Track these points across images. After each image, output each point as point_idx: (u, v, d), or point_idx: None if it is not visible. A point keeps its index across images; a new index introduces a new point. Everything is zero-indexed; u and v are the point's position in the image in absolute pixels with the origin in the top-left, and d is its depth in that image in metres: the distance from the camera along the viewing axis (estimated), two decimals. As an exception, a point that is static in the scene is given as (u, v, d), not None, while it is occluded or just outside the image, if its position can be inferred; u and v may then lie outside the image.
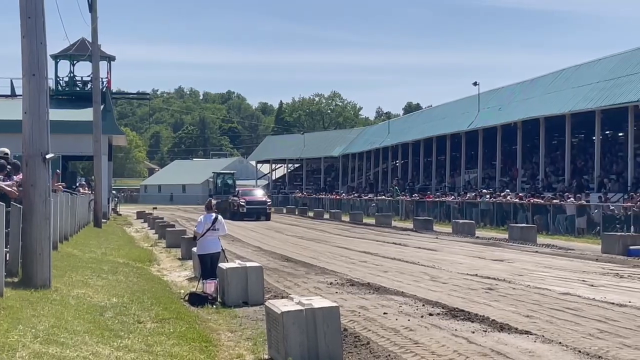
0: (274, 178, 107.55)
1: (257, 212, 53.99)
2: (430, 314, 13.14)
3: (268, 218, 53.66)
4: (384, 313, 13.35)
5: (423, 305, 14.24)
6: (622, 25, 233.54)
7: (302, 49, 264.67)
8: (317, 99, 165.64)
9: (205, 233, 16.42)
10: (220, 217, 16.76)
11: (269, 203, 56.00)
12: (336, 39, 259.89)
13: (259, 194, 58.47)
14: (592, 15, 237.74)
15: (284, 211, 70.54)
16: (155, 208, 69.03)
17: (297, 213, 66.79)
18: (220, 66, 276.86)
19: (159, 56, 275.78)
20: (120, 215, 61.99)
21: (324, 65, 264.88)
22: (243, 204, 53.82)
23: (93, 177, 44.15)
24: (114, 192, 73.83)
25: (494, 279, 18.49)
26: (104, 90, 53.44)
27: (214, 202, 17.52)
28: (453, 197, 51.00)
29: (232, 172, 70.64)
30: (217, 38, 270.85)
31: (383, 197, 63.65)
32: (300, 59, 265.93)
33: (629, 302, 14.25)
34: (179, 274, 21.04)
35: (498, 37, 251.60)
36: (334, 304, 9.89)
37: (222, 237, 17.20)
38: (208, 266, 16.38)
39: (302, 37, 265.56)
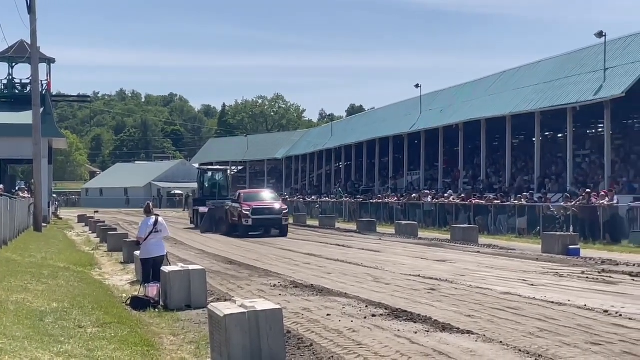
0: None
1: (269, 224, 38.94)
2: (374, 315, 13.18)
3: (284, 232, 38.56)
4: (328, 314, 13.37)
5: (366, 306, 14.28)
6: (561, 28, 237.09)
7: (245, 52, 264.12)
8: (260, 101, 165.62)
9: (148, 236, 16.27)
10: (160, 218, 16.59)
11: (285, 211, 39.70)
12: (279, 41, 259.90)
13: (269, 197, 41.51)
14: (533, 19, 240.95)
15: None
16: (97, 212, 68.33)
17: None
18: (163, 69, 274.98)
19: (100, 59, 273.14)
20: (61, 219, 61.23)
21: (267, 68, 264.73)
22: (247, 212, 38.28)
23: (33, 181, 43.52)
24: (54, 195, 72.90)
25: (437, 279, 18.62)
26: (43, 92, 52.63)
27: (152, 205, 17.33)
28: (396, 198, 51.27)
29: (223, 167, 57.13)
30: (159, 40, 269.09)
31: (327, 199, 63.75)
32: (243, 61, 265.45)
33: (568, 300, 14.45)
34: (121, 278, 20.83)
35: (440, 40, 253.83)
36: (277, 306, 9.87)
37: (165, 240, 17.07)
38: (150, 270, 16.24)
39: (244, 40, 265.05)
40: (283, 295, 16.21)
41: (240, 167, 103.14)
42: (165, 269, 15.62)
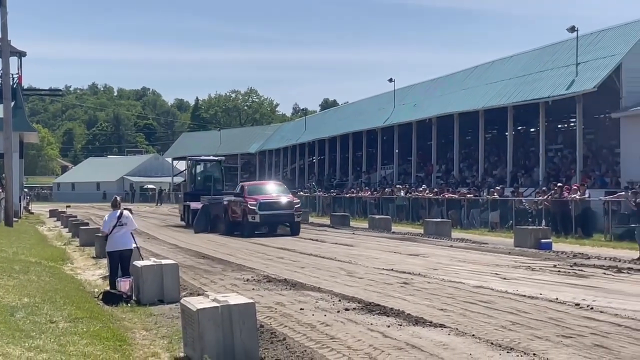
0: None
1: (279, 221, 34.80)
2: (347, 309, 13.19)
3: (296, 230, 34.27)
4: (301, 309, 13.37)
5: (339, 300, 14.29)
6: (535, 23, 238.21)
7: (218, 45, 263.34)
8: (233, 95, 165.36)
9: (113, 230, 16.17)
10: (126, 212, 16.45)
11: (297, 205, 35.25)
12: (253, 35, 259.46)
13: (278, 190, 36.62)
14: (507, 14, 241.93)
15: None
16: (69, 206, 67.89)
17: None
18: (135, 62, 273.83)
19: (72, 52, 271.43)
20: (33, 213, 60.77)
21: (240, 62, 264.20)
22: (254, 207, 33.61)
23: (4, 175, 43.17)
24: (25, 190, 72.33)
25: (410, 273, 18.66)
26: (14, 86, 52.05)
27: (119, 199, 17.19)
28: (369, 192, 51.34)
29: (218, 158, 49.93)
30: (132, 34, 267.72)
31: (300, 193, 63.74)
32: (216, 55, 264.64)
33: (540, 294, 14.53)
34: (93, 273, 20.70)
35: (413, 35, 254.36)
36: (250, 301, 9.85)
37: (135, 234, 16.98)
38: (117, 263, 16.16)
39: (217, 34, 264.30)
40: (256, 289, 16.19)
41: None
42: (138, 263, 15.54)
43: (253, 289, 16.28)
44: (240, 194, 35.62)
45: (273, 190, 36.38)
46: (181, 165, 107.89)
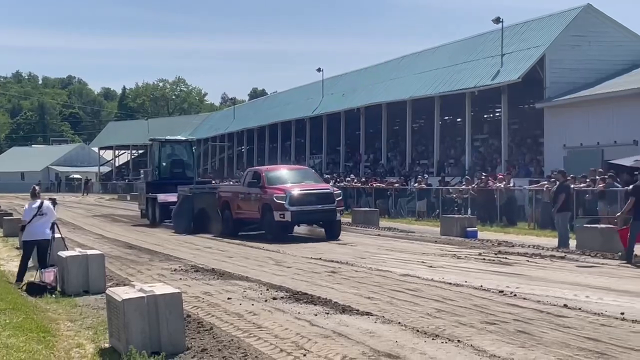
0: (117, 164, 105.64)
1: (315, 219, 26.68)
2: (274, 298, 13.20)
3: (336, 232, 26.29)
4: (228, 298, 13.34)
5: (267, 289, 14.30)
6: (462, 14, 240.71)
7: (145, 34, 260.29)
8: (161, 84, 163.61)
9: (32, 220, 15.94)
10: (47, 202, 16.21)
11: (339, 198, 26.88)
12: (180, 23, 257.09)
13: (309, 177, 28.41)
14: (434, 4, 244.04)
15: (128, 198, 69.28)
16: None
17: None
18: (60, 50, 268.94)
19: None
20: (-46, 204, 59.44)
21: (167, 50, 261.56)
22: (282, 201, 25.20)
23: None
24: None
25: (337, 262, 18.75)
26: None
27: (37, 188, 16.93)
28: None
29: (189, 138, 44.10)
30: (56, 21, 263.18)
31: (229, 183, 63.44)
32: (143, 43, 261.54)
33: (465, 282, 14.73)
34: (16, 264, 20.23)
35: (343, 24, 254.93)
36: (177, 290, 9.80)
37: (60, 224, 16.76)
38: (30, 254, 15.95)
39: (144, 21, 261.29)
40: (184, 279, 16.11)
41: (141, 151, 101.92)
42: (63, 253, 15.32)
43: (180, 279, 16.20)
44: (256, 182, 27.00)
45: (302, 177, 28.11)
46: (108, 155, 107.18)
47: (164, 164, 37.60)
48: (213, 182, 40.89)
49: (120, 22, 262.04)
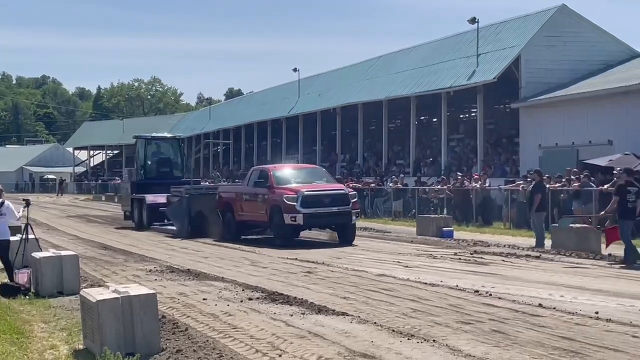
0: (92, 165, 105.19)
1: (329, 222, 24.83)
2: (250, 299, 13.17)
3: (350, 236, 24.34)
4: (204, 299, 13.29)
5: (243, 290, 14.26)
6: (438, 14, 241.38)
7: (121, 33, 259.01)
8: (136, 84, 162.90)
9: None
10: (7, 202, 16.01)
11: (354, 200, 24.52)
12: (156, 23, 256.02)
13: (320, 177, 26.25)
14: (411, 4, 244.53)
15: (103, 198, 69.01)
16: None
17: (116, 200, 65.22)
18: (35, 49, 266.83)
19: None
20: None
21: (143, 50, 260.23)
22: (293, 202, 23.24)
23: None
24: None
25: (313, 262, 18.74)
26: None
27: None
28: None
29: (177, 135, 41.87)
30: (31, 20, 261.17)
31: (205, 183, 63.28)
32: (118, 43, 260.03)
33: (441, 281, 14.75)
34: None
35: (319, 24, 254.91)
36: (152, 291, 9.76)
37: (34, 225, 16.61)
38: None
39: (120, 21, 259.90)
40: (159, 280, 16.04)
41: (116, 152, 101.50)
42: (36, 254, 15.19)
43: (156, 279, 16.12)
44: (262, 182, 24.99)
45: (313, 176, 26.16)
46: (83, 155, 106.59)
47: (149, 162, 35.41)
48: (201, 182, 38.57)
49: (95, 21, 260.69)
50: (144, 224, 32.28)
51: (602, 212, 20.15)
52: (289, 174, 25.84)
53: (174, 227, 29.40)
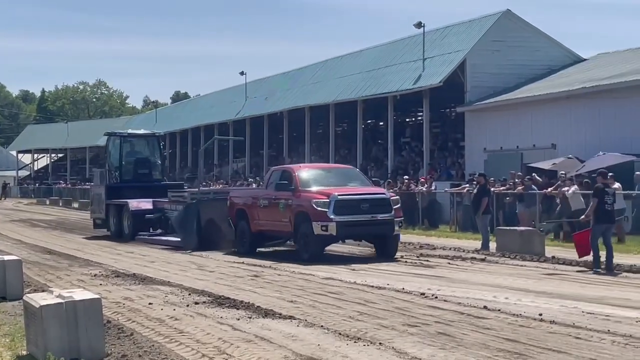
0: (36, 168, 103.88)
1: (367, 233, 20.76)
2: (196, 303, 13.11)
3: (392, 249, 20.60)
4: (150, 303, 13.19)
5: (189, 294, 14.19)
6: (385, 18, 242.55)
7: (65, 35, 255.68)
8: (81, 87, 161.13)
9: None
10: None
11: (397, 206, 20.56)
12: (101, 25, 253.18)
13: (355, 179, 22.37)
14: (357, 7, 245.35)
15: (47, 202, 68.15)
16: None
17: (61, 204, 64.63)
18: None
19: None
20: None
21: (88, 53, 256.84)
22: (324, 209, 19.47)
23: None
24: None
25: (260, 266, 18.71)
26: None
27: None
28: (221, 186, 51.12)
29: (156, 132, 35.97)
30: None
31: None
32: (63, 45, 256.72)
33: (388, 284, 14.82)
34: None
35: (267, 28, 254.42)
36: (96, 296, 9.65)
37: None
38: None
39: (65, 23, 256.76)
40: (104, 284, 15.87)
41: (60, 155, 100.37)
42: (-22, 260, 14.96)
43: (101, 284, 15.96)
44: (286, 184, 21.12)
45: (346, 178, 22.23)
46: (27, 159, 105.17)
47: (124, 162, 31.43)
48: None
49: (39, 22, 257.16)
50: (125, 233, 28.50)
51: (583, 217, 19.16)
52: (317, 174, 21.96)
53: (167, 238, 26.27)
